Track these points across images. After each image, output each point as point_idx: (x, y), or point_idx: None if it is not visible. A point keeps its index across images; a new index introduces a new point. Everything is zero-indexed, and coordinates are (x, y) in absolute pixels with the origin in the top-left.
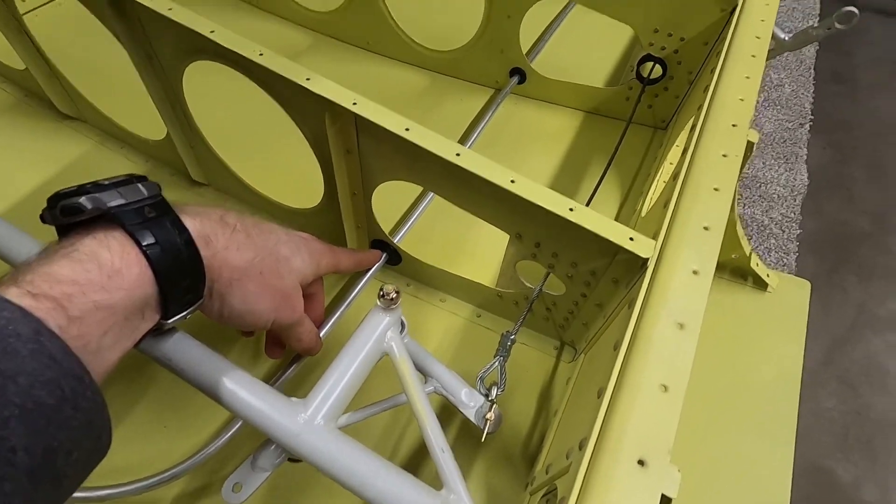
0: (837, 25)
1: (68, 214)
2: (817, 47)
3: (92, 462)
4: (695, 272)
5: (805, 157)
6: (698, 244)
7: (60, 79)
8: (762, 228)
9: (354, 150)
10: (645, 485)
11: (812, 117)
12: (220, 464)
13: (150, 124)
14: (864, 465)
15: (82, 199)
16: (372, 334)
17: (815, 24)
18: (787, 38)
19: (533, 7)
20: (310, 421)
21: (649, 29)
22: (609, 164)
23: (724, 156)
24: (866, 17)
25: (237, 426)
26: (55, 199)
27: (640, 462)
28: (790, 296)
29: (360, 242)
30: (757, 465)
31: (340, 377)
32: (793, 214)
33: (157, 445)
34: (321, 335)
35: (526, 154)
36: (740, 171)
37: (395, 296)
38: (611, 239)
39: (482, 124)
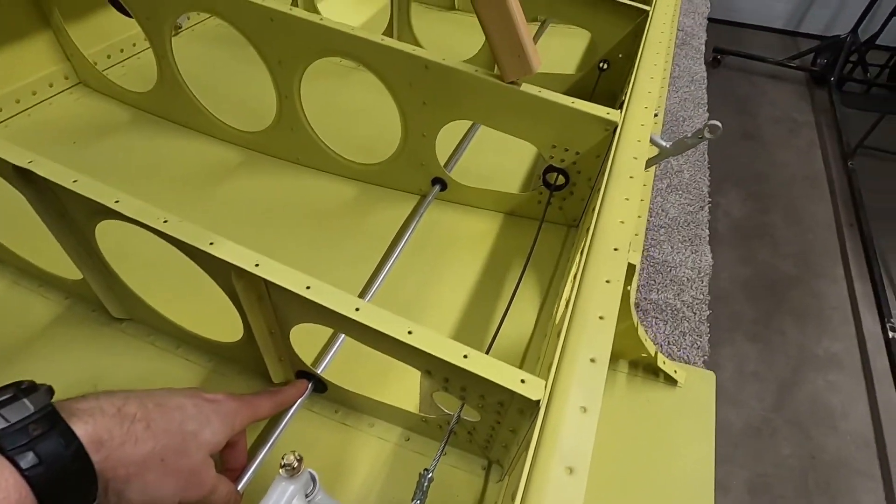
0: (707, 135)
1: None
2: (708, 139)
3: None
4: (583, 409)
5: (707, 237)
6: (586, 379)
7: None
8: (675, 312)
9: (265, 297)
10: None
11: (710, 200)
12: None
13: (66, 263)
14: None
15: None
16: None
17: (689, 135)
18: (668, 146)
19: (445, 125)
20: None
21: (547, 145)
22: (526, 265)
23: (608, 281)
24: (761, 83)
25: None
26: None
27: None
28: (697, 390)
29: (285, 373)
30: None
31: None
32: (701, 296)
33: None
34: (247, 477)
35: (452, 257)
36: (630, 291)
37: (297, 464)
38: (503, 385)
39: (409, 231)
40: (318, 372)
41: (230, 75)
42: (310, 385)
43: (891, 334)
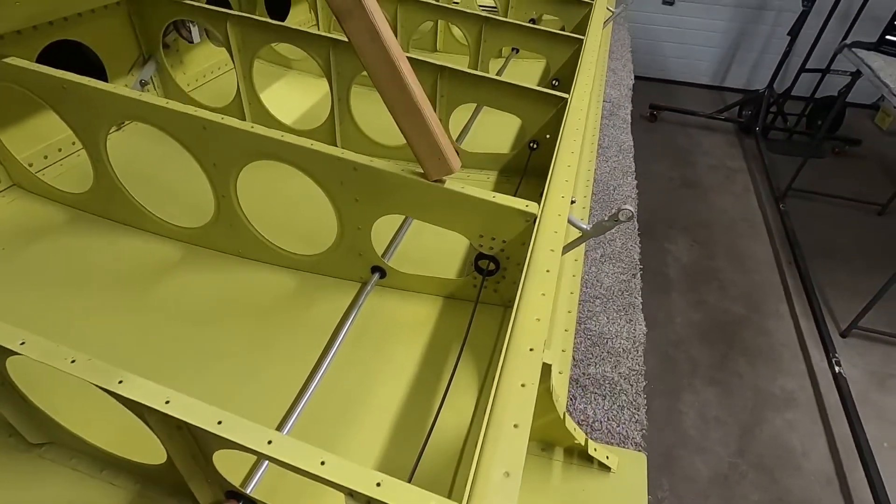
0: (622, 219)
1: None
2: (623, 223)
3: None
4: None
5: (640, 305)
6: (499, 497)
7: None
8: (613, 385)
9: (183, 426)
10: None
11: (641, 267)
12: None
13: None
14: None
15: None
16: None
17: (606, 219)
18: (588, 228)
19: (379, 219)
20: None
21: (475, 235)
22: (461, 350)
23: (523, 385)
24: (695, 134)
25: None
26: None
27: None
28: (629, 474)
29: (214, 494)
30: None
31: None
32: (637, 366)
33: None
34: None
35: (393, 344)
36: (549, 386)
37: None
38: None
39: (350, 320)
40: (248, 492)
41: (169, 171)
42: None
43: (837, 369)
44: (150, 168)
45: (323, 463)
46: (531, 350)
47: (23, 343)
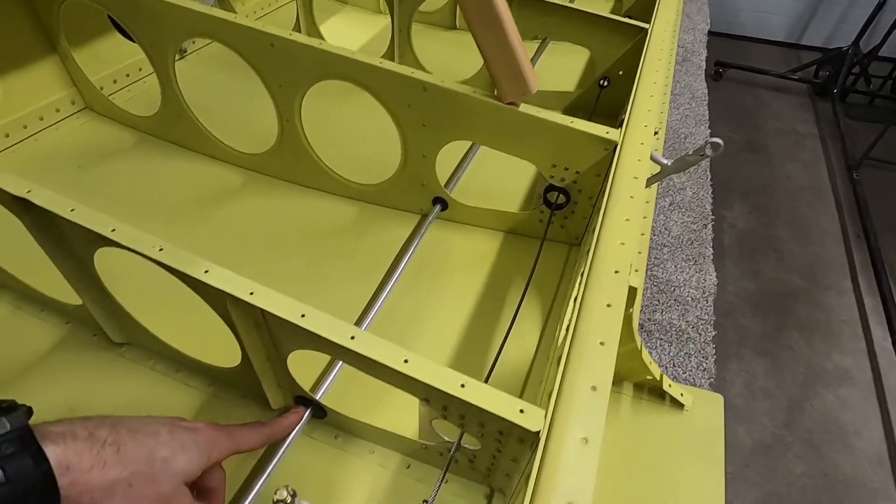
0: (708, 153)
1: None
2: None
3: None
4: (584, 440)
5: (711, 256)
6: (586, 408)
7: None
8: (680, 333)
9: (262, 324)
10: None
11: (713, 217)
12: None
13: (67, 288)
14: None
15: None
16: None
17: (690, 153)
18: (668, 164)
19: (445, 146)
20: None
21: (546, 164)
22: (527, 286)
23: (609, 306)
24: (764, 95)
25: None
26: None
27: None
28: (705, 414)
29: (284, 399)
30: None
31: None
32: (706, 316)
33: None
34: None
35: (452, 277)
36: (632, 313)
37: (290, 499)
38: (501, 415)
39: (410, 251)
40: (317, 398)
41: (233, 98)
42: (308, 411)
43: None
44: (213, 97)
45: (406, 361)
46: (616, 272)
47: (113, 230)
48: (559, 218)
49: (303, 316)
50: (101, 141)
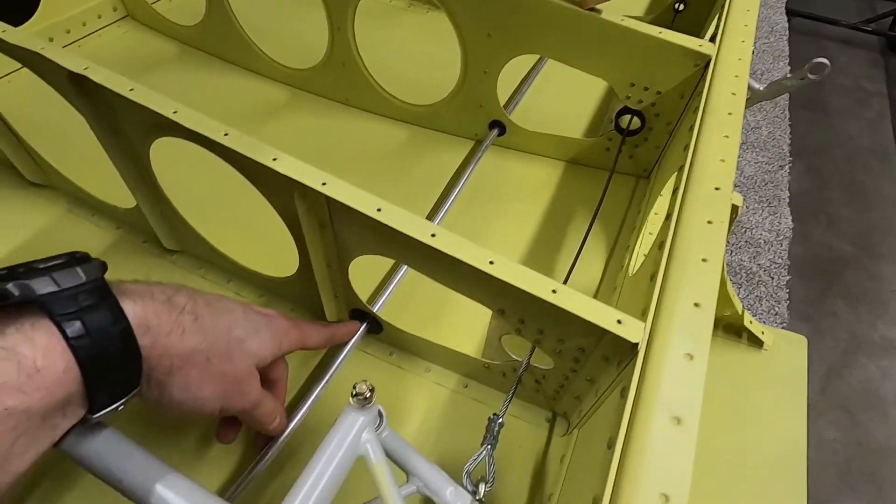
0: (810, 76)
1: None
2: (812, 81)
3: None
4: (688, 356)
5: (787, 199)
6: (690, 324)
7: (27, 146)
8: (751, 276)
9: (327, 224)
10: None
11: (791, 159)
12: None
13: (120, 191)
14: (869, 497)
15: (9, 286)
16: (345, 439)
17: (789, 75)
18: (761, 88)
19: (509, 62)
20: None
21: (625, 83)
22: (595, 216)
23: (710, 222)
24: (831, 48)
25: None
26: None
27: None
28: (787, 355)
29: (339, 311)
30: None
31: (310, 494)
32: (780, 260)
33: None
34: (300, 414)
35: (508, 207)
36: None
37: (369, 394)
38: (598, 324)
39: (464, 178)
40: (374, 310)
41: (280, 10)
42: (365, 325)
43: None
44: (257, 8)
45: (492, 262)
46: (717, 189)
47: (175, 112)
48: (629, 147)
49: (379, 210)
50: (142, 51)
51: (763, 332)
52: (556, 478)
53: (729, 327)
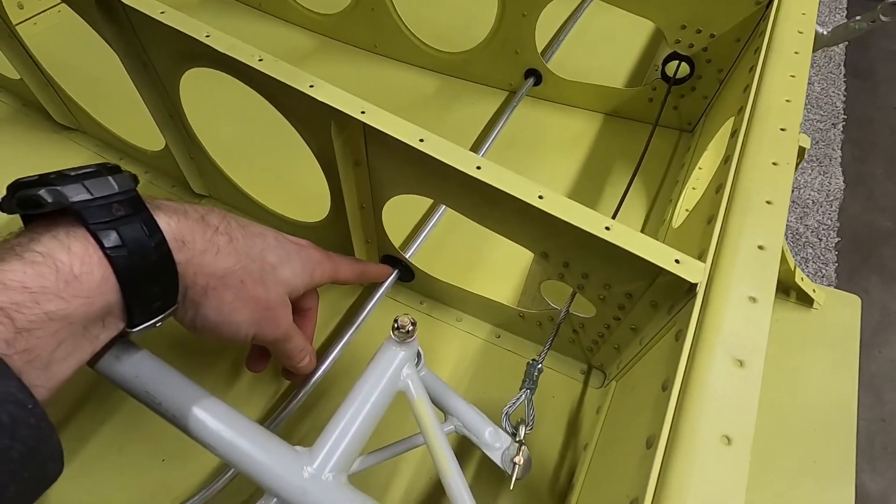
0: (882, 18)
1: (27, 207)
2: (846, 42)
3: (34, 492)
4: (752, 299)
5: (839, 159)
6: (754, 266)
7: (57, 89)
8: (797, 237)
9: (363, 161)
10: None
11: (845, 116)
12: (224, 501)
13: (148, 134)
14: (891, 475)
15: (42, 192)
16: (385, 372)
17: (858, 18)
18: (825, 33)
19: (549, 4)
20: (316, 475)
21: (676, 25)
22: (637, 170)
23: (775, 164)
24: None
25: None
26: (14, 188)
27: None
28: (839, 314)
29: (370, 257)
30: None
31: (350, 423)
32: (829, 221)
33: (155, 482)
34: (331, 357)
35: (543, 160)
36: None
37: (411, 328)
38: (654, 262)
39: (497, 129)
40: (407, 257)
41: None
42: (396, 272)
43: None
44: None
45: (541, 196)
46: (783, 129)
47: (207, 35)
48: (674, 97)
49: (421, 140)
50: None
51: (814, 291)
52: (592, 428)
53: (778, 284)
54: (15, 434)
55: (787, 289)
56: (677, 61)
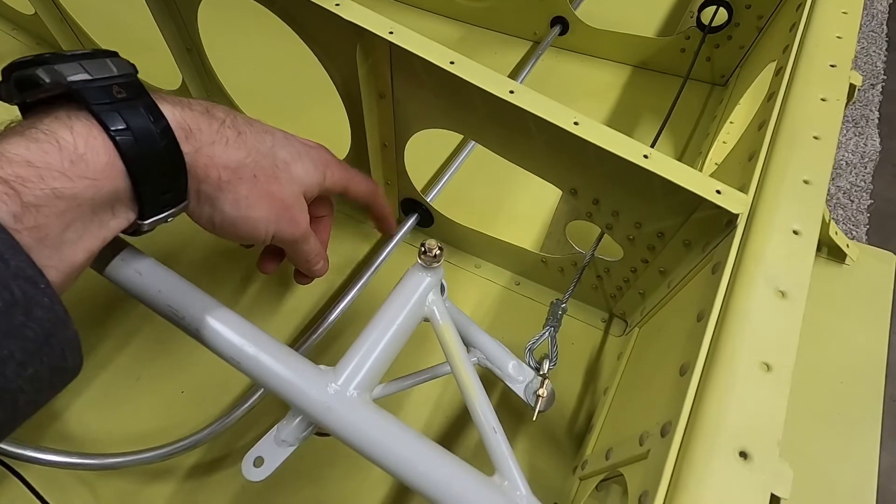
0: None
1: (24, 89)
2: (890, 1)
3: (56, 383)
4: (796, 232)
5: (876, 121)
6: (798, 199)
7: (71, 24)
8: (829, 198)
9: (388, 93)
10: (750, 481)
11: (885, 77)
12: (241, 431)
13: (165, 73)
14: None
15: (38, 71)
16: (411, 296)
17: None
18: None
19: None
20: (341, 392)
21: None
22: (665, 123)
23: (824, 100)
24: None
25: (259, 393)
26: (9, 70)
27: (743, 454)
28: (871, 270)
29: (390, 201)
30: (838, 463)
31: (375, 343)
32: (863, 183)
33: (176, 411)
34: (347, 300)
35: (570, 105)
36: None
37: (438, 252)
38: (695, 191)
39: (520, 80)
40: (428, 200)
41: None
42: (416, 216)
43: None
44: None
45: (577, 123)
46: (833, 66)
47: None
48: (708, 47)
49: (452, 63)
50: None
51: (848, 246)
52: (613, 373)
53: None
54: (29, 312)
55: (819, 244)
56: (715, 6)
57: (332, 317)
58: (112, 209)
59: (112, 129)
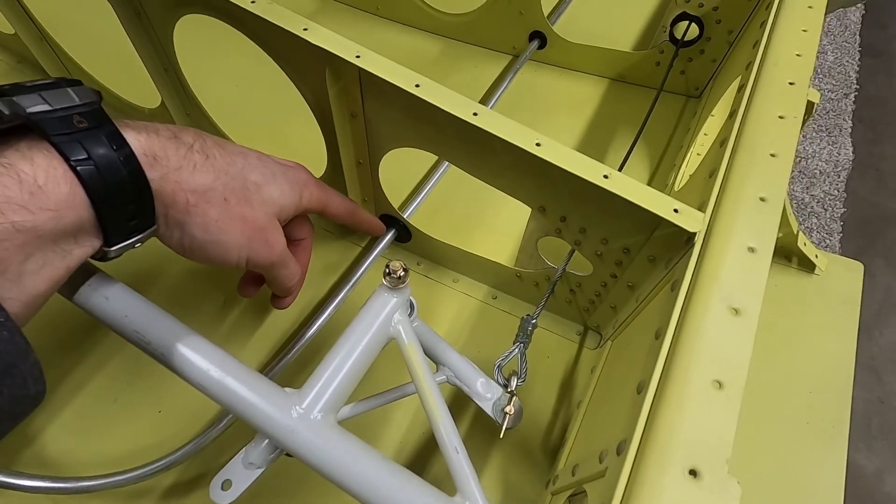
0: None
1: None
2: (863, 12)
3: (18, 412)
4: (751, 249)
5: (850, 129)
6: (754, 217)
7: (52, 44)
8: (803, 206)
9: (360, 113)
10: (699, 499)
11: (857, 87)
12: (220, 450)
13: (144, 91)
14: (886, 455)
15: None
16: (377, 317)
17: None
18: None
19: None
20: (305, 415)
21: None
22: (639, 135)
23: (781, 117)
24: None
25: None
26: None
27: (693, 472)
28: (840, 280)
29: None
30: (807, 471)
31: (340, 365)
32: (836, 192)
33: (154, 431)
34: (324, 317)
35: (546, 126)
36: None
37: (402, 273)
38: (652, 210)
39: (498, 93)
40: (405, 216)
41: None
42: (393, 231)
43: None
44: None
45: (539, 144)
46: (792, 84)
47: None
48: (682, 61)
49: (417, 86)
50: None
51: (817, 256)
52: (586, 387)
53: (779, 250)
54: None
55: (789, 254)
56: (686, 22)
57: (308, 335)
58: (75, 238)
59: (72, 159)
